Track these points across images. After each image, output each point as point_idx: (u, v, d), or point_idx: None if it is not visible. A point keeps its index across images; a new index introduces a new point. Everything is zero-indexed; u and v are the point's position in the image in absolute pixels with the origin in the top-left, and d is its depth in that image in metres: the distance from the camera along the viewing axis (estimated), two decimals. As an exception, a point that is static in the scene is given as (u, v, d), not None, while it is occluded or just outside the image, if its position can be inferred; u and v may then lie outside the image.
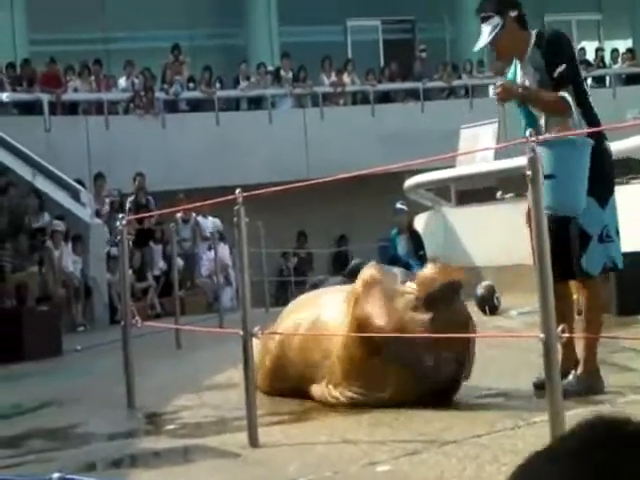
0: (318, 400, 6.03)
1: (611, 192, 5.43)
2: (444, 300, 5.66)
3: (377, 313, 5.78)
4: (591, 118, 5.68)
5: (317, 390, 6.08)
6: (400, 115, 20.83)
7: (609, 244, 5.63)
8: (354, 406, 5.73)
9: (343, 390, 5.88)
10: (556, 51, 5.74)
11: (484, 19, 5.83)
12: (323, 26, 23.91)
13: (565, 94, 5.63)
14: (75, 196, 15.32)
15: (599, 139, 5.48)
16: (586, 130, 5.46)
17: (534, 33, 5.85)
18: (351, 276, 6.29)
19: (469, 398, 5.84)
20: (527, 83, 5.81)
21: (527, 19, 5.89)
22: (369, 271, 6.11)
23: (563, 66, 5.65)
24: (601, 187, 5.49)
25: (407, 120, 20.15)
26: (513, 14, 5.78)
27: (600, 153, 5.23)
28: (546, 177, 5.39)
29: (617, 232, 5.69)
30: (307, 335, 6.21)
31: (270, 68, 21.57)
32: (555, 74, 5.67)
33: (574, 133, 5.43)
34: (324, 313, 6.31)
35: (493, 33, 5.78)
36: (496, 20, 5.77)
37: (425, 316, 5.61)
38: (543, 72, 5.73)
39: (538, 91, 5.79)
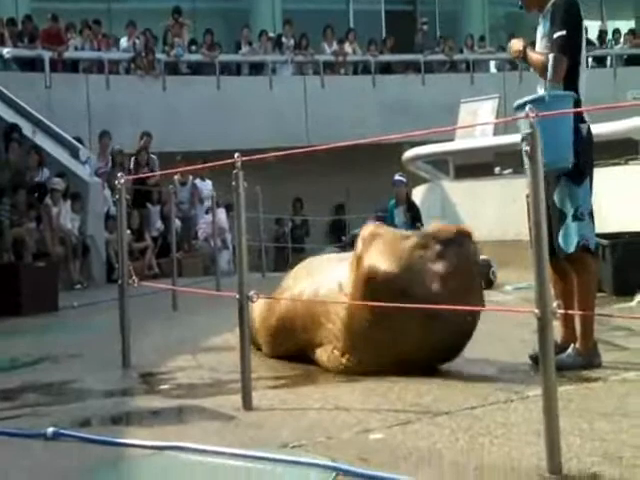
0: (323, 365, 6.05)
1: (587, 173, 5.30)
2: (455, 242, 5.68)
3: (383, 258, 5.76)
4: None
5: (322, 355, 6.08)
6: (401, 86, 20.77)
7: (582, 223, 5.57)
8: (349, 374, 5.75)
9: (349, 357, 5.89)
10: (561, 16, 5.71)
11: None
12: (326, -6, 23.82)
13: (550, 57, 5.63)
14: (74, 154, 15.26)
15: (577, 120, 5.39)
16: (560, 111, 5.25)
17: None
18: (352, 245, 6.25)
19: (463, 371, 5.86)
20: (538, 39, 5.85)
21: None
22: (368, 229, 6.08)
23: (562, 32, 5.65)
24: (577, 166, 5.41)
25: (408, 92, 20.10)
26: None
27: (582, 133, 5.10)
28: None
29: (591, 214, 5.62)
30: (313, 299, 6.20)
31: (272, 34, 21.45)
32: (553, 37, 5.69)
33: (550, 114, 5.25)
34: (330, 277, 6.29)
35: None
36: None
37: (435, 252, 5.60)
38: (548, 33, 5.76)
39: (531, 49, 5.83)
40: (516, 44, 5.96)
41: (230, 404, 5.27)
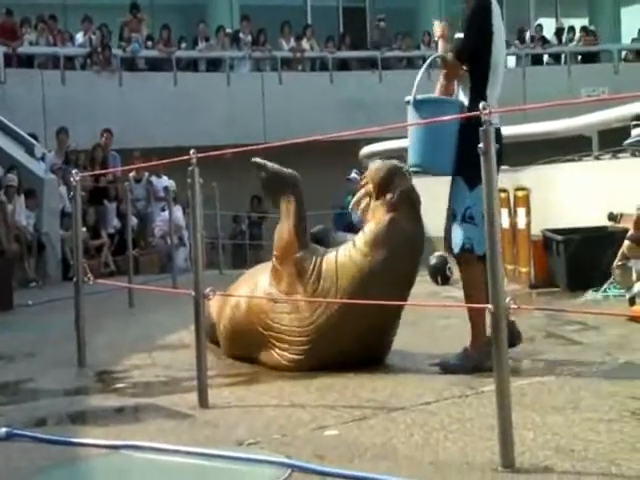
0: (269, 366, 6.06)
1: (481, 178, 5.15)
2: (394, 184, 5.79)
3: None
4: (475, 101, 5.29)
5: (266, 356, 6.10)
6: (358, 83, 20.82)
7: (470, 226, 5.51)
8: (303, 371, 5.75)
9: (291, 355, 5.92)
10: (467, 17, 5.62)
11: None
12: (283, -10, 23.80)
13: (442, 55, 5.61)
14: (29, 150, 15.11)
15: (477, 124, 5.20)
16: (460, 115, 5.26)
17: None
18: (314, 242, 6.26)
19: (419, 366, 5.89)
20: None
21: None
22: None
23: (461, 35, 5.59)
24: (472, 170, 5.00)
25: (365, 88, 20.14)
26: None
27: (477, 137, 4.85)
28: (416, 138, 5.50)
29: (482, 218, 5.53)
30: (258, 299, 6.20)
31: (229, 30, 21.40)
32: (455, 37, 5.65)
33: (461, 117, 5.22)
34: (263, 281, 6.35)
35: None
36: None
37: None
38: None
39: (443, 42, 5.77)
40: (436, 31, 5.90)
41: (186, 402, 5.26)
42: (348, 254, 5.94)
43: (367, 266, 5.79)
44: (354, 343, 5.77)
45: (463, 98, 5.63)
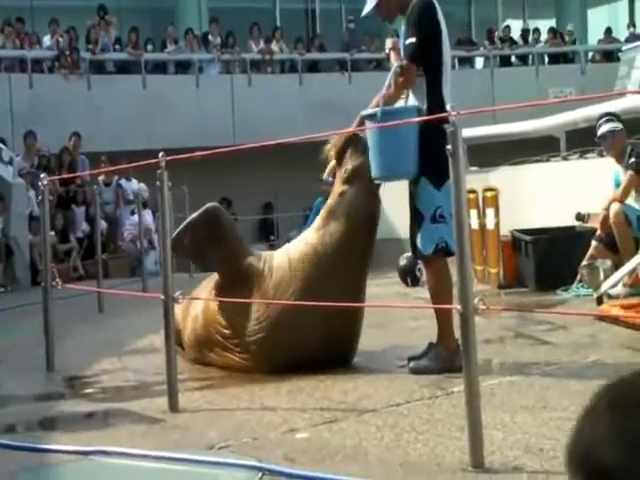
0: (232, 369, 6.08)
1: (447, 176, 5.00)
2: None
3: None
4: (434, 101, 5.51)
5: (229, 360, 6.12)
6: (328, 85, 20.83)
7: (441, 225, 5.51)
8: (274, 374, 5.76)
9: (252, 354, 5.95)
10: (414, 22, 5.62)
11: None
12: (252, -8, 23.77)
13: (400, 64, 5.55)
14: (-4, 154, 15.00)
15: (441, 124, 5.00)
16: (423, 118, 5.25)
17: None
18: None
19: (389, 367, 5.91)
20: (401, 42, 5.74)
21: None
22: None
23: (412, 39, 5.58)
24: (438, 169, 5.19)
25: (334, 90, 20.15)
26: None
27: (440, 137, 4.64)
28: (376, 149, 5.52)
29: (451, 216, 5.49)
30: (212, 310, 6.24)
31: (198, 32, 21.36)
32: (405, 44, 5.63)
33: (425, 119, 5.21)
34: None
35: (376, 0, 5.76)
36: None
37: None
38: (404, 38, 5.69)
39: (396, 53, 5.72)
40: (387, 44, 5.92)
41: (156, 406, 5.25)
42: (302, 238, 6.11)
43: (319, 241, 5.89)
44: (313, 332, 5.78)
45: (415, 102, 5.64)
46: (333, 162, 6.07)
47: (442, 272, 5.57)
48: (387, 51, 5.93)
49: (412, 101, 5.67)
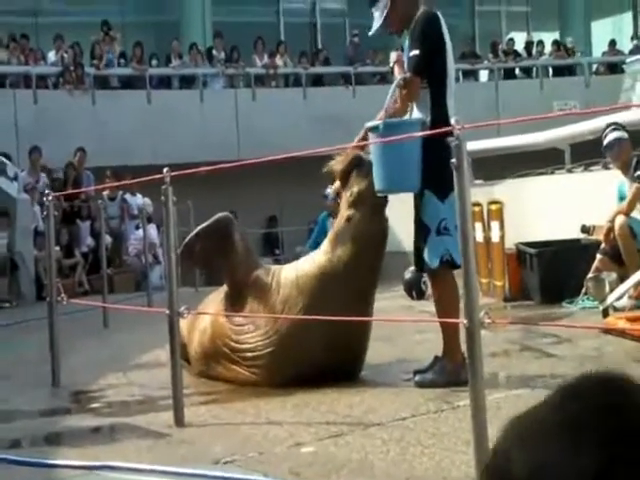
0: (240, 383, 6.08)
1: (452, 188, 4.93)
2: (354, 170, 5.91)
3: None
4: (438, 114, 5.50)
5: (236, 374, 6.12)
6: (332, 99, 20.86)
7: (446, 237, 5.52)
8: (279, 388, 5.76)
9: (260, 369, 5.95)
10: (417, 35, 5.64)
11: (372, 2, 5.81)
12: (256, 6, 23.78)
13: (403, 77, 5.58)
14: (1, 170, 15.03)
15: (445, 137, 5.07)
16: (426, 132, 5.24)
17: (422, 9, 5.73)
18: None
19: (395, 381, 5.92)
20: (405, 55, 5.76)
21: None
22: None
23: (415, 52, 5.60)
24: (441, 182, 5.17)
25: (339, 104, 20.18)
26: None
27: (444, 150, 4.74)
28: (379, 162, 5.53)
29: (456, 228, 5.19)
30: (219, 324, 6.25)
31: (202, 47, 21.42)
32: (409, 56, 5.65)
33: (429, 133, 5.19)
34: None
35: (383, 15, 5.77)
36: (384, 1, 5.76)
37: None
38: (408, 50, 5.71)
39: (399, 66, 5.73)
40: (392, 57, 5.93)
41: (162, 421, 5.26)
42: (310, 258, 6.11)
43: (327, 264, 5.91)
44: (321, 347, 5.79)
45: (419, 114, 5.66)
46: (337, 183, 6.08)
47: (448, 285, 5.57)
48: (391, 64, 5.95)
49: (416, 114, 5.68)
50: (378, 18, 5.84)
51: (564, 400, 0.93)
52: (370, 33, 6.04)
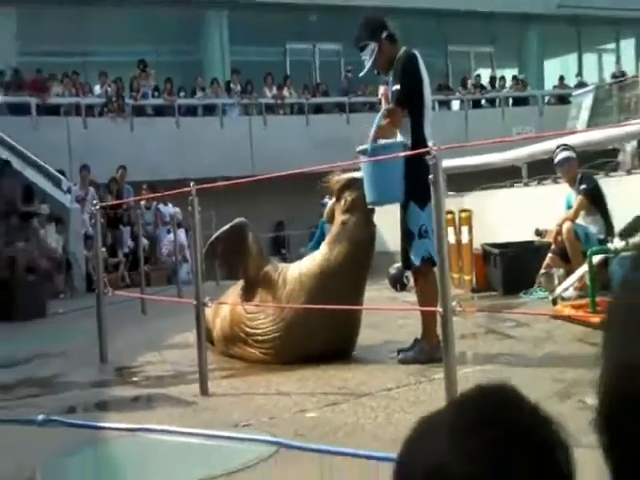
0: (253, 361, 6.10)
1: (429, 198, 4.70)
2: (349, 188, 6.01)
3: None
4: (417, 138, 5.51)
5: (249, 353, 6.14)
6: (330, 124, 20.85)
7: (426, 240, 5.53)
8: (287, 365, 5.78)
9: (270, 349, 5.97)
10: (399, 72, 5.64)
11: (362, 48, 5.79)
12: (266, 47, 23.77)
13: (386, 108, 5.60)
14: (57, 184, 15.07)
15: (423, 157, 4.80)
16: (411, 152, 5.25)
17: (403, 49, 5.74)
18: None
19: (382, 359, 5.93)
20: (390, 89, 5.76)
21: (396, 34, 5.79)
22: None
23: (397, 86, 5.60)
24: (421, 194, 5.18)
25: (335, 129, 20.17)
26: (384, 34, 5.72)
27: (423, 167, 4.54)
28: (369, 179, 5.57)
29: (432, 231, 5.22)
30: (237, 311, 6.28)
31: (222, 81, 21.43)
32: (392, 90, 5.66)
33: (414, 153, 5.14)
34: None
35: (372, 58, 5.75)
36: (372, 45, 5.74)
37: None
38: (391, 85, 5.72)
39: (385, 99, 5.75)
40: (380, 91, 5.94)
41: (190, 392, 5.28)
42: (312, 258, 6.13)
43: (325, 263, 5.91)
44: (320, 332, 5.80)
45: (402, 138, 5.69)
46: (333, 200, 6.15)
47: (429, 280, 5.56)
48: (380, 96, 5.98)
49: (400, 137, 5.71)
50: (367, 61, 5.84)
51: (456, 407, 0.89)
52: (361, 74, 6.05)
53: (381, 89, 5.99)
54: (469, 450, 0.80)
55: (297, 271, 6.07)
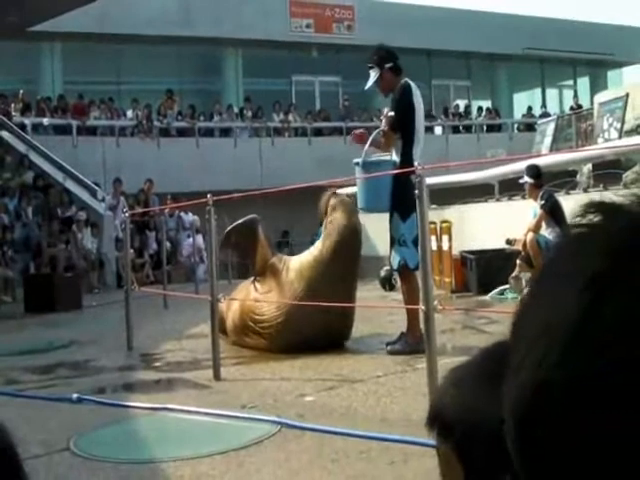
0: (261, 348, 6.06)
1: (412, 211, 4.74)
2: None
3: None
4: (405, 158, 5.49)
5: (257, 341, 6.10)
6: (329, 146, 20.85)
7: (403, 248, 5.50)
8: (289, 353, 5.74)
9: (274, 335, 5.93)
10: (395, 100, 5.65)
11: (370, 67, 5.80)
12: (274, 79, 23.80)
13: (381, 130, 5.60)
14: (93, 194, 15.07)
15: (408, 175, 4.94)
16: (398, 170, 5.26)
17: (402, 80, 5.70)
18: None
19: (373, 349, 5.89)
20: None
21: (400, 67, 5.76)
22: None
23: (391, 113, 5.61)
24: (404, 207, 5.26)
25: (334, 149, 20.16)
26: (388, 66, 5.70)
27: (408, 184, 4.63)
28: (363, 189, 5.58)
29: (414, 241, 5.19)
30: (248, 303, 6.24)
31: (236, 108, 21.44)
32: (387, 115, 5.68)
33: (401, 172, 5.22)
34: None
35: (373, 80, 5.76)
36: (376, 70, 5.74)
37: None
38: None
39: (387, 122, 5.70)
40: (384, 112, 6.00)
41: (204, 376, 5.24)
42: (309, 251, 6.17)
43: (319, 253, 5.96)
44: (316, 321, 5.74)
45: (395, 157, 5.66)
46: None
47: (412, 281, 5.53)
48: (382, 116, 6.02)
49: (393, 155, 5.68)
50: (370, 80, 5.81)
51: (484, 357, 0.83)
52: (365, 87, 5.98)
53: (385, 110, 6.03)
54: None
55: (297, 261, 6.13)
